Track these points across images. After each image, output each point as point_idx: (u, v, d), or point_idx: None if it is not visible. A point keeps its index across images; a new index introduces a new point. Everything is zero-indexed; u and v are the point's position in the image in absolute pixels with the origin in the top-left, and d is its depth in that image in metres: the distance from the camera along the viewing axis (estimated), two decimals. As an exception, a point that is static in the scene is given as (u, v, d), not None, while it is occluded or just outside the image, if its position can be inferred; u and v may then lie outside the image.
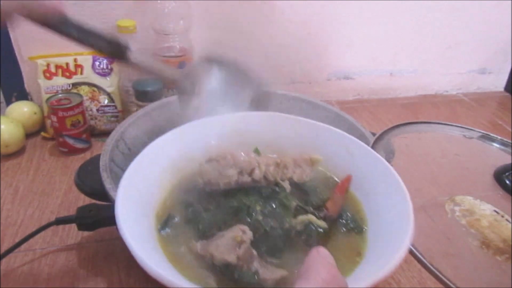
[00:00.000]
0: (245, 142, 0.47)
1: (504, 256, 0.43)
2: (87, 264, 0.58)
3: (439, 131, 0.62)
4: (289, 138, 0.48)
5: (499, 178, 0.53)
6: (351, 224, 0.41)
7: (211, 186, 0.41)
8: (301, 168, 0.44)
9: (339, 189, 0.43)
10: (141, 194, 0.38)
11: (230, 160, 0.41)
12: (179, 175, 0.44)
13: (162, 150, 0.42)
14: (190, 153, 0.45)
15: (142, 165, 0.39)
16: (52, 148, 0.83)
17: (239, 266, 0.34)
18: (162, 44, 0.87)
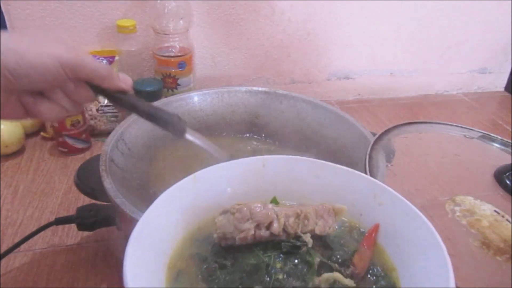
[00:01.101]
0: (262, 187, 0.44)
1: (505, 256, 0.42)
2: (87, 264, 0.58)
3: (439, 131, 0.62)
4: (309, 183, 0.44)
5: (499, 178, 0.53)
6: (382, 281, 0.37)
7: (226, 241, 0.38)
8: (323, 220, 0.40)
9: (366, 241, 0.40)
10: (152, 248, 0.36)
11: (246, 212, 0.38)
12: (192, 227, 0.41)
13: (174, 199, 0.40)
14: (204, 202, 0.42)
15: (153, 216, 0.37)
16: (52, 148, 0.83)
17: None
18: (162, 44, 0.87)
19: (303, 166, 0.44)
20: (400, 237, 0.38)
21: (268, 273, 0.36)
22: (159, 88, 0.82)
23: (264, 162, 0.45)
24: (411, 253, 0.36)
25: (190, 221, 0.41)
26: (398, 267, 0.37)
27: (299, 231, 0.38)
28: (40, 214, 0.66)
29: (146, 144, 0.62)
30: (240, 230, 0.37)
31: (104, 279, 0.56)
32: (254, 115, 0.71)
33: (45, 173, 0.76)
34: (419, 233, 0.36)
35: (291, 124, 0.70)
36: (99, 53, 0.87)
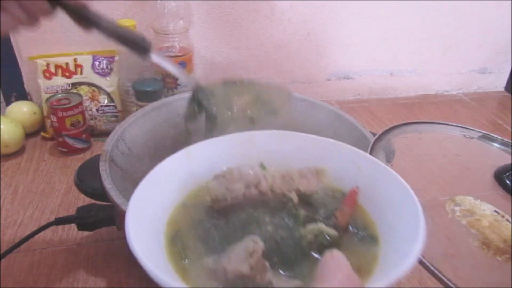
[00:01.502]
0: (251, 160, 0.47)
1: (505, 257, 0.42)
2: (87, 264, 0.58)
3: (439, 131, 0.62)
4: (295, 154, 0.48)
5: (499, 178, 0.53)
6: (361, 233, 0.40)
7: (219, 203, 0.41)
8: (307, 179, 0.43)
9: (347, 201, 0.43)
10: (150, 212, 0.38)
11: (236, 175, 0.42)
12: (187, 194, 0.44)
13: (169, 170, 0.43)
14: (197, 173, 0.45)
15: (150, 184, 0.39)
16: (52, 148, 0.83)
17: (252, 276, 0.33)
18: (162, 44, 0.87)
19: (288, 139, 0.48)
20: (378, 197, 0.41)
21: (259, 227, 0.39)
22: (159, 88, 0.82)
23: (252, 137, 0.48)
24: (389, 210, 0.40)
25: (185, 189, 0.44)
26: (377, 222, 0.41)
27: (285, 190, 0.42)
28: (40, 214, 0.66)
29: (146, 144, 0.62)
30: (231, 191, 0.41)
31: (104, 279, 0.56)
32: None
33: (45, 173, 0.76)
34: (394, 191, 0.39)
35: (291, 124, 0.70)
36: (99, 53, 0.87)
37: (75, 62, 0.85)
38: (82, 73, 0.86)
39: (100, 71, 0.86)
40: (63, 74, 0.85)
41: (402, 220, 0.37)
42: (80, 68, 0.86)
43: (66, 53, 0.86)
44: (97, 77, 0.86)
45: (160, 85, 0.83)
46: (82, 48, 0.88)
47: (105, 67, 0.87)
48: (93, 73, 0.86)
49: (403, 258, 0.31)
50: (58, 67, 0.85)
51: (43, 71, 0.85)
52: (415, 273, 0.58)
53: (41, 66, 0.84)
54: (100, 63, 0.86)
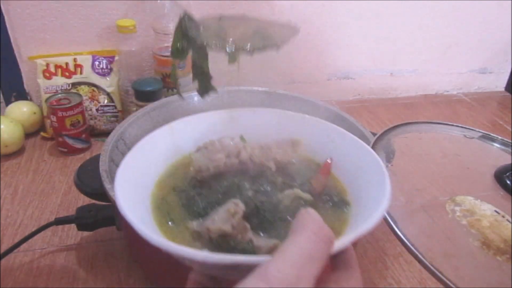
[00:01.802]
0: (231, 134, 0.50)
1: (505, 257, 0.42)
2: (87, 264, 0.58)
3: (439, 131, 0.62)
4: (273, 129, 0.51)
5: (499, 178, 0.53)
6: (334, 199, 0.43)
7: (201, 173, 0.44)
8: (283, 149, 0.47)
9: (322, 171, 0.47)
10: (137, 181, 0.41)
11: (218, 146, 0.46)
12: (172, 165, 0.47)
13: (154, 143, 0.46)
14: (181, 146, 0.49)
15: (136, 156, 0.42)
16: (52, 148, 0.83)
17: (234, 235, 0.36)
18: (162, 44, 0.87)
19: (266, 116, 0.52)
20: (350, 166, 0.45)
21: (239, 192, 0.42)
22: (159, 88, 0.82)
23: (233, 114, 0.52)
24: (359, 177, 0.43)
25: (169, 160, 0.47)
26: (349, 189, 0.44)
27: (264, 160, 0.46)
28: (40, 214, 0.66)
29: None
30: (213, 161, 0.44)
31: (104, 279, 0.55)
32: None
33: (45, 173, 0.76)
34: (364, 160, 0.43)
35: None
36: (99, 53, 0.87)
37: (75, 62, 0.85)
38: (82, 73, 0.86)
39: (100, 71, 0.86)
40: (63, 74, 0.85)
41: (370, 186, 0.40)
42: (80, 68, 0.86)
43: (66, 53, 0.86)
44: (97, 77, 0.86)
45: (160, 85, 0.83)
46: (82, 48, 0.88)
47: (105, 67, 0.87)
48: (93, 73, 0.86)
49: (370, 216, 0.34)
50: (58, 67, 0.85)
51: (43, 71, 0.85)
52: (415, 273, 0.58)
53: (41, 66, 0.84)
54: (100, 63, 0.86)
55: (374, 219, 0.33)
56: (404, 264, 0.60)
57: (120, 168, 0.39)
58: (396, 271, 0.59)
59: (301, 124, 0.51)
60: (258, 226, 0.39)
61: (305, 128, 0.51)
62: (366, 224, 0.32)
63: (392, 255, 0.61)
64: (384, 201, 0.35)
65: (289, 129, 0.50)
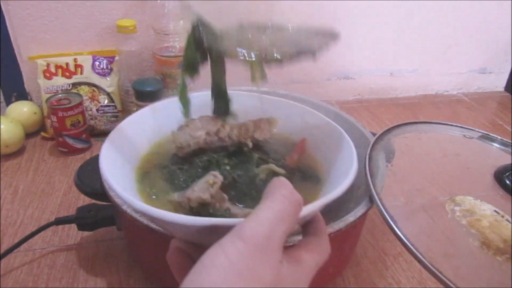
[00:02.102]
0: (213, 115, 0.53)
1: (505, 256, 0.42)
2: (87, 264, 0.58)
3: (439, 131, 0.62)
4: (250, 111, 0.54)
5: (499, 178, 0.53)
6: (307, 174, 0.48)
7: (183, 149, 0.47)
8: (260, 129, 0.51)
9: (296, 149, 0.52)
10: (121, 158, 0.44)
11: (198, 123, 0.48)
12: (154, 144, 0.51)
13: (137, 123, 0.49)
14: (163, 126, 0.51)
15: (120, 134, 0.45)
16: (52, 148, 0.83)
17: (212, 203, 0.39)
18: (162, 44, 0.87)
19: (245, 99, 0.55)
20: (322, 144, 0.50)
21: (218, 166, 0.45)
22: (159, 88, 0.82)
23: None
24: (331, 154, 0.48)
25: (152, 139, 0.51)
26: (321, 165, 0.50)
27: (241, 138, 0.49)
28: (40, 214, 0.66)
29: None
30: (193, 137, 0.47)
31: (104, 279, 0.56)
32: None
33: (45, 173, 0.76)
34: (334, 138, 0.48)
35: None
36: (99, 53, 0.87)
37: (75, 62, 0.85)
38: (82, 73, 0.86)
39: (100, 71, 0.86)
40: (63, 74, 0.85)
41: (341, 161, 0.45)
42: (80, 68, 0.86)
43: (66, 53, 0.86)
44: (97, 77, 0.86)
45: (160, 85, 0.83)
46: (82, 48, 0.88)
47: (105, 67, 0.87)
48: (93, 73, 0.86)
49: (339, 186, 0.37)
50: (58, 67, 0.85)
51: (43, 71, 0.85)
52: (415, 273, 0.58)
53: (41, 66, 0.84)
54: (100, 63, 0.86)
55: (341, 188, 0.36)
56: (404, 264, 0.60)
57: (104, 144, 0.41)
58: (396, 271, 0.59)
59: (278, 107, 0.56)
60: (235, 197, 0.42)
61: (281, 110, 0.55)
62: (333, 193, 0.35)
63: (392, 255, 0.61)
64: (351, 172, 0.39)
65: (266, 111, 0.54)
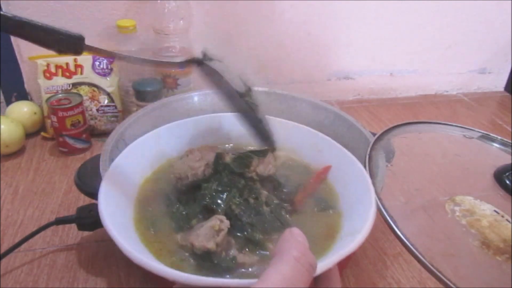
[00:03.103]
0: (218, 140, 0.52)
1: (504, 256, 0.43)
2: (87, 264, 0.58)
3: (439, 131, 0.62)
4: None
5: (499, 178, 0.53)
6: (323, 204, 0.45)
7: (181, 180, 0.45)
8: (265, 163, 0.48)
9: (315, 178, 0.49)
10: (122, 188, 0.42)
11: (197, 154, 0.47)
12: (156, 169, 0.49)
13: (140, 150, 0.47)
14: (166, 153, 0.50)
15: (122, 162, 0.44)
16: (52, 148, 0.83)
17: (218, 252, 0.37)
18: (162, 44, 0.87)
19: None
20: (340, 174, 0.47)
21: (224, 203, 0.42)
22: (159, 88, 0.83)
23: (221, 119, 0.53)
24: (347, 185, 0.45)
25: (154, 166, 0.49)
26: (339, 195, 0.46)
27: (244, 170, 0.46)
28: (40, 214, 0.66)
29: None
30: (192, 168, 0.45)
31: (104, 279, 0.56)
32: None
33: (45, 173, 0.76)
34: (350, 169, 0.45)
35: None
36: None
37: (75, 62, 0.85)
38: (82, 73, 0.86)
39: (100, 71, 0.86)
40: (63, 74, 0.85)
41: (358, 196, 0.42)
42: (80, 68, 0.86)
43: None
44: (97, 77, 0.86)
45: (160, 85, 0.83)
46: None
47: (105, 67, 0.87)
48: (93, 73, 0.86)
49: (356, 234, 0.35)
50: (59, 67, 0.85)
51: (44, 71, 0.85)
52: (415, 273, 0.58)
53: (41, 66, 0.84)
54: (100, 63, 0.86)
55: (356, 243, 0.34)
56: (404, 264, 0.60)
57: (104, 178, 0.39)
58: (396, 271, 0.59)
59: (288, 131, 0.52)
60: (241, 240, 0.40)
61: (292, 135, 0.52)
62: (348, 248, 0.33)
63: (392, 255, 0.61)
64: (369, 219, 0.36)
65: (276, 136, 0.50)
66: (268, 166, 0.48)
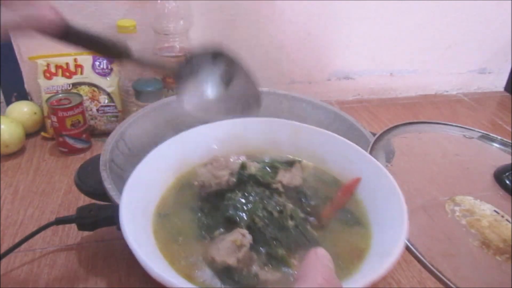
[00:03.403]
0: (243, 147, 0.48)
1: (504, 256, 0.43)
2: (87, 264, 0.58)
3: (439, 131, 0.62)
4: (286, 142, 0.49)
5: (499, 178, 0.53)
6: (350, 221, 0.42)
7: (205, 188, 0.43)
8: (291, 173, 0.45)
9: (344, 191, 0.44)
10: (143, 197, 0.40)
11: (222, 162, 0.44)
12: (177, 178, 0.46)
13: (163, 156, 0.44)
14: (190, 159, 0.47)
15: (144, 171, 0.41)
16: (52, 148, 0.83)
17: (239, 268, 0.35)
18: (162, 44, 0.87)
19: (281, 127, 0.49)
20: (369, 187, 0.43)
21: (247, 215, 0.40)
22: (159, 88, 0.83)
23: (245, 124, 0.49)
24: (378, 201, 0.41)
25: (176, 173, 0.46)
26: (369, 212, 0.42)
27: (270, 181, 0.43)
28: (40, 214, 0.66)
29: (146, 144, 0.62)
30: (216, 177, 0.43)
31: (104, 279, 0.56)
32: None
33: (45, 173, 0.76)
34: (382, 183, 0.41)
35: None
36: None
37: (75, 62, 0.85)
38: (83, 73, 0.86)
39: (100, 71, 0.86)
40: (64, 74, 0.85)
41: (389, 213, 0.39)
42: (81, 68, 0.86)
43: (66, 53, 0.86)
44: (97, 77, 0.86)
45: (160, 85, 0.83)
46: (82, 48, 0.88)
47: (105, 67, 0.87)
48: (94, 73, 0.86)
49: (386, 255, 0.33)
50: (59, 67, 0.85)
51: (44, 71, 0.85)
52: (415, 273, 0.58)
53: (42, 66, 0.84)
54: (100, 63, 0.86)
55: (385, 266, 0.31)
56: (404, 264, 0.60)
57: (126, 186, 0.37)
58: (396, 271, 0.59)
59: (317, 139, 0.48)
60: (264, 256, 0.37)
61: (321, 143, 0.48)
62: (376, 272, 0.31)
63: (392, 255, 0.61)
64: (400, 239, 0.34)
65: (303, 144, 0.48)
66: (295, 177, 0.45)
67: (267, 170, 0.44)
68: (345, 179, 0.46)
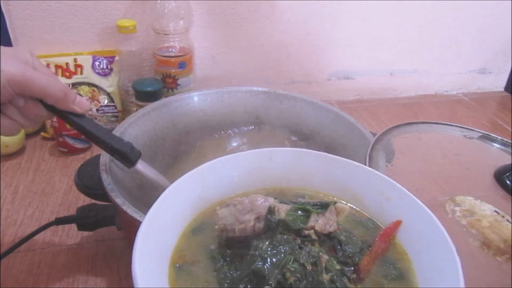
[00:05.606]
0: (269, 179, 0.45)
1: (505, 257, 0.43)
2: (87, 264, 0.58)
3: (439, 131, 0.62)
4: (315, 175, 0.44)
5: (499, 178, 0.53)
6: (393, 273, 0.37)
7: (227, 232, 0.39)
8: (324, 217, 0.39)
9: (383, 236, 0.39)
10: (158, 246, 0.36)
11: (247, 204, 0.39)
12: (196, 219, 0.41)
13: (181, 192, 0.40)
14: (210, 194, 0.42)
15: (160, 210, 0.37)
16: (52, 148, 0.83)
17: None
18: (162, 44, 0.87)
19: (309, 159, 0.44)
20: (412, 233, 0.38)
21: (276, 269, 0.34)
22: (159, 88, 0.82)
23: (271, 154, 0.44)
24: (423, 249, 0.37)
25: (195, 213, 0.41)
26: (412, 261, 0.37)
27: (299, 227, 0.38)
28: (40, 214, 0.66)
29: (146, 144, 0.62)
30: (240, 222, 0.38)
31: (104, 279, 0.56)
32: (254, 115, 0.71)
33: (45, 173, 0.76)
34: (427, 229, 0.36)
35: (290, 125, 0.70)
36: (99, 53, 0.87)
37: (75, 62, 0.85)
38: (82, 73, 0.86)
39: (100, 71, 0.86)
40: (63, 74, 0.85)
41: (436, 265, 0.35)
42: (80, 68, 0.86)
43: (66, 53, 0.86)
44: (97, 77, 0.86)
45: (160, 85, 0.83)
46: (82, 48, 0.88)
47: (105, 67, 0.87)
48: (93, 73, 0.86)
49: None
50: (58, 67, 0.85)
51: (43, 71, 0.85)
52: (415, 273, 0.58)
53: (41, 66, 0.84)
54: (100, 63, 0.86)
55: None
56: (404, 264, 0.60)
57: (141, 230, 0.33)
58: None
59: (349, 173, 0.43)
60: None
61: (353, 178, 0.43)
62: None
63: (392, 255, 0.61)
64: None
65: (335, 178, 0.43)
66: (329, 222, 0.39)
67: (298, 214, 0.39)
68: (383, 221, 0.41)
